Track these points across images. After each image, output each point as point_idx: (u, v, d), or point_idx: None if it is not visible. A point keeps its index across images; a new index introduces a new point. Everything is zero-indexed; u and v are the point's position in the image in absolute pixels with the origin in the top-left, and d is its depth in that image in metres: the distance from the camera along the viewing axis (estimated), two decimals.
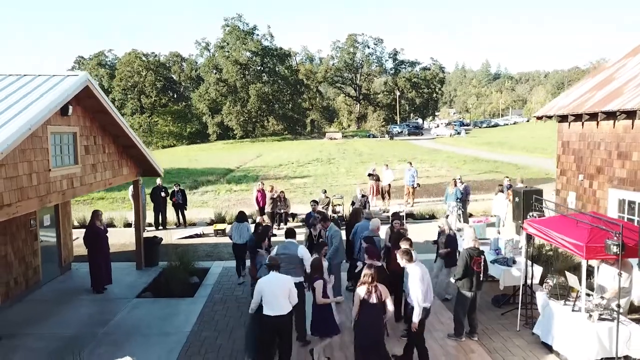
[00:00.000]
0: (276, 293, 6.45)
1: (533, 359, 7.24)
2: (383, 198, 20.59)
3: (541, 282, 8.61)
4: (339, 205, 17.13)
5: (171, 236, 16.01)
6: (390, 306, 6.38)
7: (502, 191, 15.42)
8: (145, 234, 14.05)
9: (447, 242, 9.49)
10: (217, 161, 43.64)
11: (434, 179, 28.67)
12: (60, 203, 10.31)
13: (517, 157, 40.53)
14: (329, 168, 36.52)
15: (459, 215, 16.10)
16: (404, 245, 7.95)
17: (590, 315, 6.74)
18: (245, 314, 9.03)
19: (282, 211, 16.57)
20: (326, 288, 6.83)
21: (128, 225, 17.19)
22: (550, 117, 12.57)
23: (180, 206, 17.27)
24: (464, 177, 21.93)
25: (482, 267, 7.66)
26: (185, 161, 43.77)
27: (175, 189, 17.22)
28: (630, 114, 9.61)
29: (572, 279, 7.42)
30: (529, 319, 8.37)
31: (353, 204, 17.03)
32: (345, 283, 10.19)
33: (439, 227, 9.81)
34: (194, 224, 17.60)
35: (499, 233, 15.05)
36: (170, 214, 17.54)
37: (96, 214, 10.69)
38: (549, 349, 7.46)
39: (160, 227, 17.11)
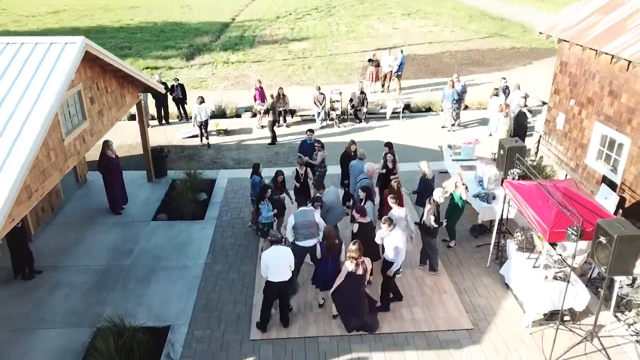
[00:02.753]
0: (279, 264, 7.50)
1: (495, 302, 8.62)
2: (383, 85, 20.71)
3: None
4: (337, 101, 17.41)
5: (175, 135, 16.67)
6: (368, 274, 7.59)
7: (497, 95, 15.67)
8: (150, 131, 14.61)
9: (421, 184, 10.31)
10: (210, 10, 41.77)
11: (436, 46, 28.03)
12: None
13: (527, 10, 38.79)
14: (328, 26, 35.23)
15: (455, 115, 16.58)
16: (391, 201, 8.89)
17: (547, 277, 7.91)
18: (252, 243, 10.33)
19: (281, 108, 16.93)
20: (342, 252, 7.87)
21: (132, 117, 17.69)
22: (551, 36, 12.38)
23: (181, 100, 17.58)
24: (467, 40, 21.64)
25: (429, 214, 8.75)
26: (178, 11, 41.81)
27: (175, 84, 17.34)
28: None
29: (537, 239, 8.44)
30: (500, 255, 9.61)
31: (351, 100, 17.38)
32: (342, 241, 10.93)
33: (419, 167, 10.49)
34: (196, 117, 18.04)
35: (490, 135, 15.76)
36: (172, 109, 17.91)
37: (107, 144, 11.29)
38: (510, 291, 8.82)
39: (164, 122, 17.67)
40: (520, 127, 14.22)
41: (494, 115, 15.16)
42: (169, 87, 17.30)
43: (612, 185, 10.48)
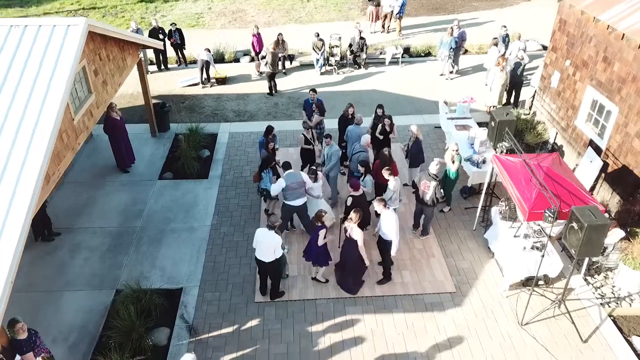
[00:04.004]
0: (265, 246, 8.01)
1: (478, 265, 9.45)
2: (383, 26, 20.43)
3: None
4: (337, 47, 17.34)
5: (175, 82, 16.81)
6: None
7: (496, 44, 15.64)
8: (150, 78, 14.86)
9: (414, 146, 10.78)
10: None
11: None
12: None
13: None
14: None
15: (453, 63, 16.64)
16: (386, 174, 9.43)
17: (525, 247, 8.65)
18: (254, 204, 11.01)
19: (280, 55, 16.91)
20: (326, 233, 8.50)
21: None
22: None
23: (179, 46, 17.51)
24: None
25: (428, 190, 9.27)
26: None
27: (172, 29, 17.18)
28: None
29: (520, 212, 9.08)
30: (486, 217, 10.32)
31: (350, 45, 17.32)
32: (339, 193, 11.51)
33: (410, 130, 10.88)
34: (194, 62, 18.08)
35: (486, 85, 15.96)
36: (170, 53, 17.87)
37: (111, 107, 11.56)
38: (492, 255, 9.62)
39: (163, 68, 17.71)
40: (516, 80, 14.40)
41: (492, 67, 15.26)
42: (167, 32, 17.16)
43: (597, 150, 10.96)
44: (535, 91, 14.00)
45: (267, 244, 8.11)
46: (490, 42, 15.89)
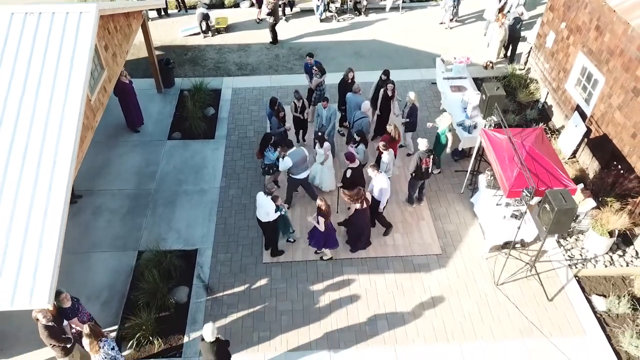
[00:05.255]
0: (261, 208, 9.04)
1: (463, 228, 10.46)
2: None
3: None
4: None
5: (176, 31, 16.93)
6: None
7: None
8: (151, 25, 15.01)
9: (410, 112, 11.40)
10: None
11: None
12: None
13: None
14: None
15: (453, 12, 16.69)
16: (382, 147, 10.17)
17: (505, 216, 9.61)
18: (259, 167, 11.82)
19: (280, 2, 16.90)
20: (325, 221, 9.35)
21: None
22: None
23: None
24: None
25: (430, 164, 10.06)
26: None
27: None
28: None
29: None
30: (474, 181, 11.19)
31: None
32: (337, 153, 12.18)
33: (408, 97, 11.43)
34: (193, 7, 18.05)
35: (485, 35, 16.14)
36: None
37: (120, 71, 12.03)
38: (476, 218, 10.61)
39: (163, 14, 17.73)
40: (514, 35, 14.63)
41: (491, 20, 15.40)
42: None
43: (583, 115, 11.59)
44: (531, 47, 14.29)
45: (263, 208, 9.07)
46: None
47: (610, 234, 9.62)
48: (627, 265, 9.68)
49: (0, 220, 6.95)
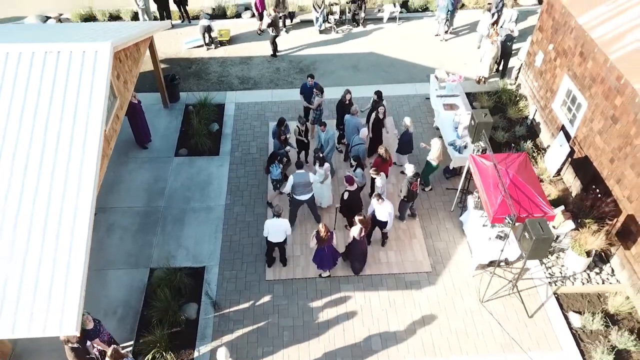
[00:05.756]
0: (277, 230, 9.80)
1: (452, 246, 11.22)
2: None
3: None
4: (336, 4, 17.74)
5: (180, 43, 17.48)
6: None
7: (489, 10, 16.19)
8: (155, 36, 15.56)
9: (404, 137, 12.07)
10: None
11: None
12: None
13: None
14: None
15: (448, 24, 17.23)
16: (373, 173, 10.87)
17: (490, 238, 10.36)
18: (262, 183, 12.53)
19: (281, 14, 17.43)
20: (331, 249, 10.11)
21: (135, 18, 18.33)
22: None
23: (182, 3, 17.92)
24: None
25: (417, 187, 10.79)
26: None
27: None
28: None
29: None
30: (464, 199, 11.91)
31: (352, 2, 17.71)
32: (335, 171, 12.82)
33: (404, 123, 12.07)
34: (196, 17, 18.57)
35: (478, 48, 16.71)
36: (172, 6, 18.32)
37: None
38: (465, 237, 11.35)
39: None
40: (505, 51, 15.22)
41: (484, 34, 15.97)
42: None
43: (568, 136, 12.27)
44: (522, 64, 14.89)
45: (279, 229, 9.83)
46: (485, 7, 16.37)
47: (588, 253, 10.38)
48: (603, 283, 10.46)
49: (31, 251, 7.67)
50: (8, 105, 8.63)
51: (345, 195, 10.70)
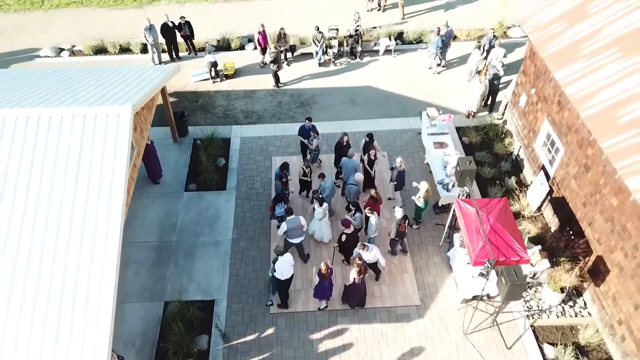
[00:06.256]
0: (287, 267, 10.88)
1: (440, 280, 12.29)
2: (379, 4, 21.48)
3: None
4: (334, 38, 18.76)
5: (188, 76, 18.51)
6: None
7: (479, 47, 17.22)
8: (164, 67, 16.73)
9: (398, 176, 13.13)
10: None
11: None
12: None
13: None
14: None
15: (439, 60, 18.26)
16: (368, 213, 11.93)
17: (473, 276, 11.42)
18: (265, 219, 13.58)
19: (282, 48, 18.46)
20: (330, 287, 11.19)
21: (144, 51, 19.37)
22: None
23: (188, 37, 18.96)
24: None
25: (405, 228, 11.83)
26: None
27: (182, 22, 18.52)
28: None
29: None
30: (451, 234, 12.96)
31: (350, 36, 18.71)
32: (334, 212, 13.82)
33: (396, 164, 13.11)
34: (202, 49, 19.60)
35: (468, 81, 17.73)
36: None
37: None
38: (452, 272, 12.42)
39: (174, 57, 19.29)
40: (492, 88, 16.26)
41: (474, 71, 17.02)
42: (177, 24, 18.52)
43: (547, 175, 13.31)
44: (508, 102, 15.93)
45: (288, 264, 10.91)
46: (475, 44, 17.40)
47: (562, 289, 11.45)
48: (576, 316, 11.53)
49: (66, 302, 8.73)
50: (41, 164, 9.68)
51: (343, 238, 11.76)
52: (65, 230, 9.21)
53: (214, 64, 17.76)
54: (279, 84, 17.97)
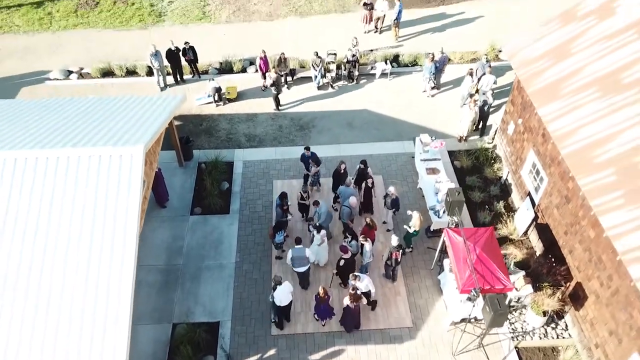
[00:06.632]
0: (285, 295, 11.71)
1: (431, 303, 13.11)
2: (376, 27, 22.27)
3: None
4: (332, 62, 19.54)
5: (192, 100, 19.28)
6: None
7: (470, 74, 18.01)
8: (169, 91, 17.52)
9: (392, 203, 13.93)
10: None
11: None
12: None
13: None
14: None
15: (433, 85, 19.06)
16: (362, 240, 12.74)
17: (461, 301, 12.24)
18: (267, 242, 14.38)
19: (283, 73, 19.25)
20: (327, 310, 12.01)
21: (149, 73, 20.13)
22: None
23: (192, 61, 19.75)
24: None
25: (399, 256, 12.64)
26: None
27: (186, 47, 19.30)
28: None
29: None
30: (442, 258, 13.76)
31: (347, 62, 19.50)
32: (332, 235, 14.62)
33: (389, 191, 13.93)
34: (206, 72, 20.40)
35: (461, 107, 18.54)
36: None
37: None
38: (442, 295, 13.24)
39: (179, 80, 20.08)
40: (482, 115, 17.07)
41: (465, 103, 17.84)
42: (182, 49, 19.30)
43: (533, 202, 14.12)
44: (497, 128, 16.73)
45: (287, 293, 11.71)
46: (467, 70, 18.19)
47: (544, 313, 12.28)
48: (557, 337, 12.36)
49: (85, 329, 9.55)
50: (61, 201, 10.49)
51: (341, 262, 12.58)
52: (84, 262, 10.03)
53: (218, 89, 18.55)
54: (280, 107, 18.76)
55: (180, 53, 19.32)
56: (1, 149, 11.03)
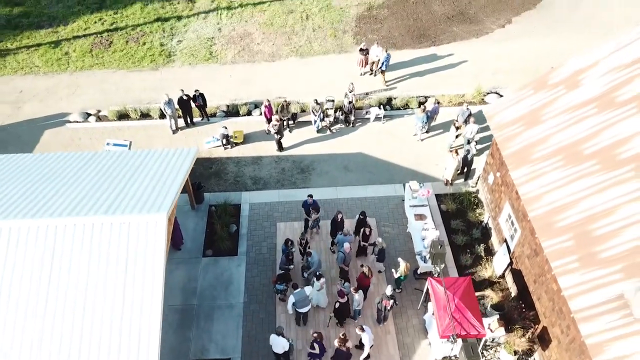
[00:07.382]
0: (277, 345, 13.44)
1: (417, 341, 14.88)
2: (371, 69, 23.98)
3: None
4: (330, 108, 21.28)
5: (202, 142, 21.01)
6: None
7: (455, 126, 19.77)
8: (181, 135, 19.20)
9: (379, 252, 15.68)
10: None
11: None
12: None
13: None
14: None
15: (424, 128, 20.79)
16: (352, 291, 14.50)
17: (443, 342, 14.01)
18: (271, 283, 16.13)
19: (285, 118, 20.99)
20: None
21: (162, 116, 21.82)
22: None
23: (202, 107, 21.48)
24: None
25: (389, 304, 14.38)
26: None
27: (196, 94, 21.04)
28: None
29: None
30: (427, 298, 15.53)
31: (342, 108, 21.25)
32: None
33: (377, 242, 15.67)
34: (214, 115, 22.13)
35: (449, 151, 20.25)
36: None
37: None
38: (426, 334, 15.01)
39: (190, 123, 21.81)
40: (466, 163, 18.82)
41: (449, 153, 19.55)
42: (192, 96, 21.03)
43: (509, 248, 15.87)
44: (480, 175, 18.47)
45: (280, 345, 13.46)
46: (453, 122, 19.94)
47: (515, 352, 14.06)
48: None
49: None
50: (97, 265, 12.24)
51: (337, 305, 14.37)
52: (117, 318, 11.78)
53: (226, 136, 20.26)
54: (282, 149, 20.50)
55: (191, 100, 21.02)
56: (41, 217, 12.74)
